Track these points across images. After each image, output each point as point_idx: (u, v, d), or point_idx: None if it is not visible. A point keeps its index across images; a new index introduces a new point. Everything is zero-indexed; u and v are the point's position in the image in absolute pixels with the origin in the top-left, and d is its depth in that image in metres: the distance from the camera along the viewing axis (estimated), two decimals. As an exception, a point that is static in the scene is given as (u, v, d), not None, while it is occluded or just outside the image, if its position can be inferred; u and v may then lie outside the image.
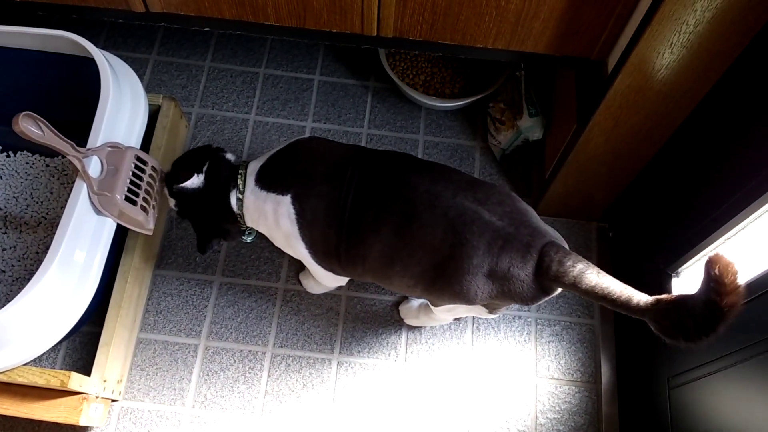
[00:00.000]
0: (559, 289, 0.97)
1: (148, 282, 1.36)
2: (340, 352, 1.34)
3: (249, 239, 1.19)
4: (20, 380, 1.06)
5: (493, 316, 1.13)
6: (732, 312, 0.76)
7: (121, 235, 1.23)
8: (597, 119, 1.13)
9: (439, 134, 1.55)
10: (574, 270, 0.92)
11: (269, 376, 1.31)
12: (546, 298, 0.98)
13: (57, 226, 1.02)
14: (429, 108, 1.56)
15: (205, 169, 1.10)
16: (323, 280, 1.19)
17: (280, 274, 1.39)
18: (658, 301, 0.84)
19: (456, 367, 1.33)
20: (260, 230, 1.14)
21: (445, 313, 1.17)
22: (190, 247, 1.41)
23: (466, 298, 1.00)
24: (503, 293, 0.98)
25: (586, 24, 1.08)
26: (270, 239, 1.14)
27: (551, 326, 1.37)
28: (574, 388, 1.33)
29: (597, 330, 1.37)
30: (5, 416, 1.16)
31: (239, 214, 1.11)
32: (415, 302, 1.33)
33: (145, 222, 1.11)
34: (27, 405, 1.13)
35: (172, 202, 1.14)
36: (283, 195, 1.05)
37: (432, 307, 1.17)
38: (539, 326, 1.37)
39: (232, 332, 1.34)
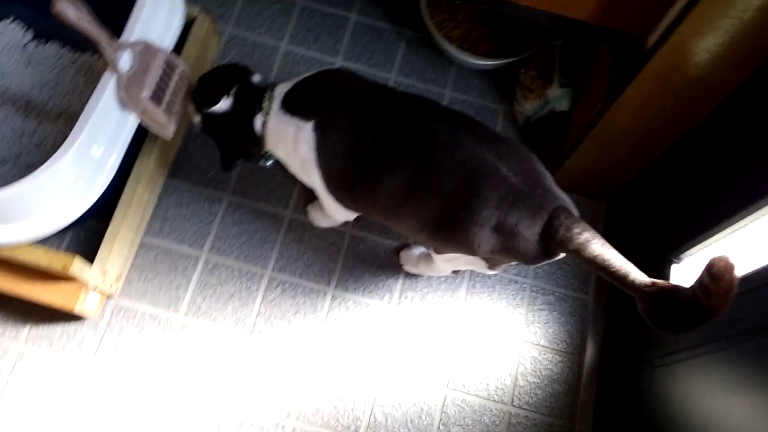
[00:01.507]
0: (562, 254, 0.98)
1: (159, 188, 1.38)
2: (335, 287, 1.36)
3: (268, 164, 1.19)
4: (24, 258, 1.08)
5: (492, 271, 1.15)
6: (713, 316, 0.78)
7: (139, 139, 1.24)
8: (627, 95, 1.13)
9: (466, 92, 1.54)
10: (580, 237, 0.93)
11: (264, 297, 1.34)
12: (547, 261, 1.00)
13: (77, 121, 1.03)
14: (460, 64, 1.56)
15: (233, 92, 1.11)
16: (332, 211, 1.20)
17: (289, 202, 1.41)
18: (653, 283, 0.86)
19: (446, 319, 1.35)
20: (278, 154, 1.14)
21: (445, 262, 1.18)
22: (205, 163, 1.42)
23: (469, 248, 1.01)
24: (506, 249, 0.99)
25: (634, -4, 1.07)
26: (286, 165, 1.15)
27: (545, 295, 1.39)
28: (557, 357, 1.35)
29: (589, 306, 1.39)
30: (2, 295, 1.19)
31: (261, 137, 1.12)
32: (417, 250, 1.35)
33: (166, 125, 1.12)
34: (27, 284, 1.16)
35: (197, 119, 1.15)
36: (305, 121, 1.05)
37: (433, 255, 1.18)
38: (533, 293, 1.39)
39: (234, 250, 1.36)
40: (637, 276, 0.88)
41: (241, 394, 1.27)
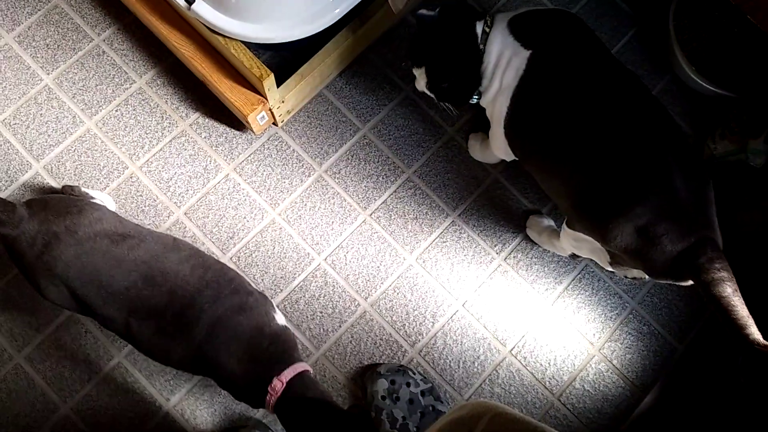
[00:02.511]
0: (689, 282, 0.97)
1: (357, 54, 1.45)
2: (459, 215, 1.41)
3: (474, 100, 1.19)
4: (233, 53, 1.19)
5: (610, 267, 1.15)
6: None
7: (367, 1, 1.30)
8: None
9: (670, 103, 1.49)
10: (717, 273, 0.92)
11: (395, 191, 1.41)
12: (670, 281, 1.00)
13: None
14: (678, 74, 1.50)
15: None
16: (495, 145, 1.22)
17: (456, 122, 1.45)
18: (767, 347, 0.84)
19: (541, 294, 1.38)
20: (486, 76, 1.15)
21: (571, 241, 1.19)
22: (403, 52, 1.47)
23: (603, 237, 1.02)
24: (638, 253, 0.99)
25: None
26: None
27: (641, 323, 1.38)
28: (621, 382, 1.35)
29: (676, 356, 1.37)
30: (195, 76, 1.33)
31: (482, 50, 1.12)
32: (546, 221, 1.36)
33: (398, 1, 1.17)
34: (221, 75, 1.27)
35: (422, 81, 1.19)
36: (525, 48, 1.07)
37: (564, 228, 1.20)
38: (631, 315, 1.38)
39: (390, 139, 1.43)
40: (755, 332, 0.87)
41: (334, 261, 1.37)
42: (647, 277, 1.05)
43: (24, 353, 1.30)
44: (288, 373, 1.00)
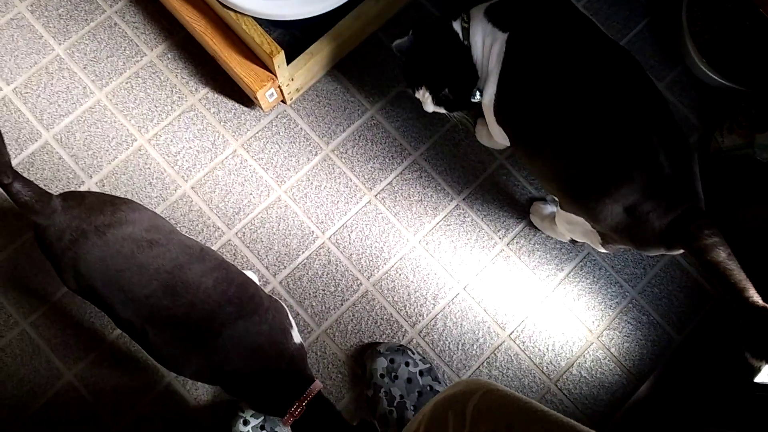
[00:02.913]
0: (680, 251, 0.98)
1: (367, 35, 1.45)
2: (464, 198, 1.42)
3: (475, 99, 1.20)
4: (244, 29, 1.20)
5: (603, 249, 1.16)
6: None
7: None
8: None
9: (678, 94, 1.49)
10: (708, 239, 0.92)
11: (401, 173, 1.42)
12: (662, 252, 1.00)
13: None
14: (689, 67, 1.50)
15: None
16: (493, 130, 1.23)
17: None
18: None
19: (541, 280, 1.39)
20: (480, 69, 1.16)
21: (566, 224, 1.19)
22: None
23: (592, 217, 1.03)
24: (628, 231, 1.00)
25: None
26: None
27: (640, 313, 1.39)
28: (618, 370, 1.36)
29: (673, 346, 1.38)
30: (205, 51, 1.33)
31: (467, 45, 1.13)
32: (550, 208, 1.37)
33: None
34: (231, 51, 1.28)
35: (427, 100, 1.20)
36: (502, 32, 1.07)
37: (558, 211, 1.20)
38: (630, 305, 1.39)
39: (398, 121, 1.44)
40: (754, 295, 0.87)
41: (338, 240, 1.38)
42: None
43: (30, 320, 1.32)
44: (306, 396, 1.02)
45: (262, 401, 1.06)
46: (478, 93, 1.18)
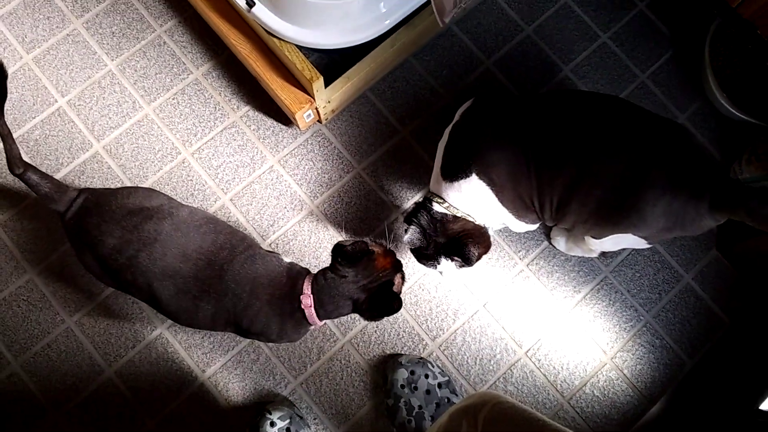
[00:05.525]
0: (724, 218, 1.07)
1: (400, 61, 1.53)
2: (487, 220, 1.48)
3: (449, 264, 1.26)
4: (287, 55, 1.28)
5: (649, 246, 1.23)
6: None
7: (414, 12, 1.37)
8: None
9: (699, 126, 1.54)
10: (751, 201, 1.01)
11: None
12: (714, 225, 1.09)
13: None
14: (710, 101, 1.55)
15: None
16: (527, 229, 1.33)
17: (491, 132, 1.51)
18: None
19: (558, 300, 1.45)
20: (476, 218, 1.22)
21: (609, 242, 1.23)
22: (444, 61, 1.54)
23: (639, 229, 1.12)
24: (674, 229, 1.10)
25: None
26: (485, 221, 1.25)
27: (653, 336, 1.44)
28: (630, 392, 1.41)
29: (685, 370, 1.43)
30: (249, 73, 1.41)
31: (457, 216, 1.20)
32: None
33: (447, 12, 1.24)
34: (273, 74, 1.36)
35: (448, 266, 1.25)
36: (468, 177, 1.16)
37: (593, 240, 1.25)
38: (644, 328, 1.44)
39: (429, 143, 1.51)
40: None
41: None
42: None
43: (75, 318, 1.41)
44: (305, 285, 1.11)
45: (276, 321, 1.13)
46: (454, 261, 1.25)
